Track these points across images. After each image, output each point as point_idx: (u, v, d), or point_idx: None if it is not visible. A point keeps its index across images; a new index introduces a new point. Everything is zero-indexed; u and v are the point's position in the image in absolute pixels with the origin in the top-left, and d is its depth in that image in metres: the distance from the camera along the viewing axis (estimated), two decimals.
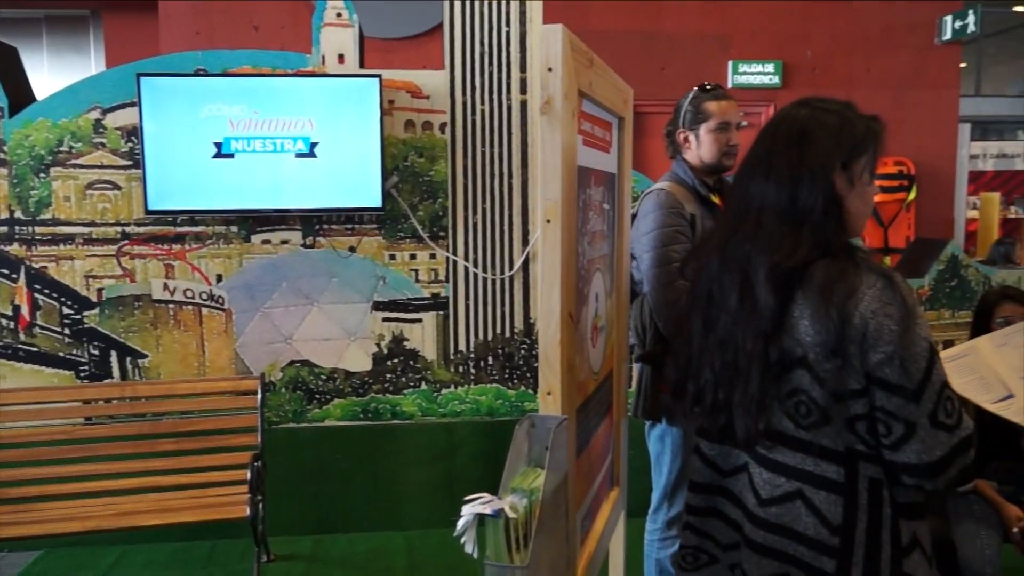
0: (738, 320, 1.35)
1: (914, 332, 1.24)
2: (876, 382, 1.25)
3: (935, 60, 6.48)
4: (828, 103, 1.42)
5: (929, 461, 1.24)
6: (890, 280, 1.26)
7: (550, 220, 1.42)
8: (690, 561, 1.54)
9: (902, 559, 1.29)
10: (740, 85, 6.05)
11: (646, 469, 3.57)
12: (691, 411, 1.47)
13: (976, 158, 8.69)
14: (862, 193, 1.38)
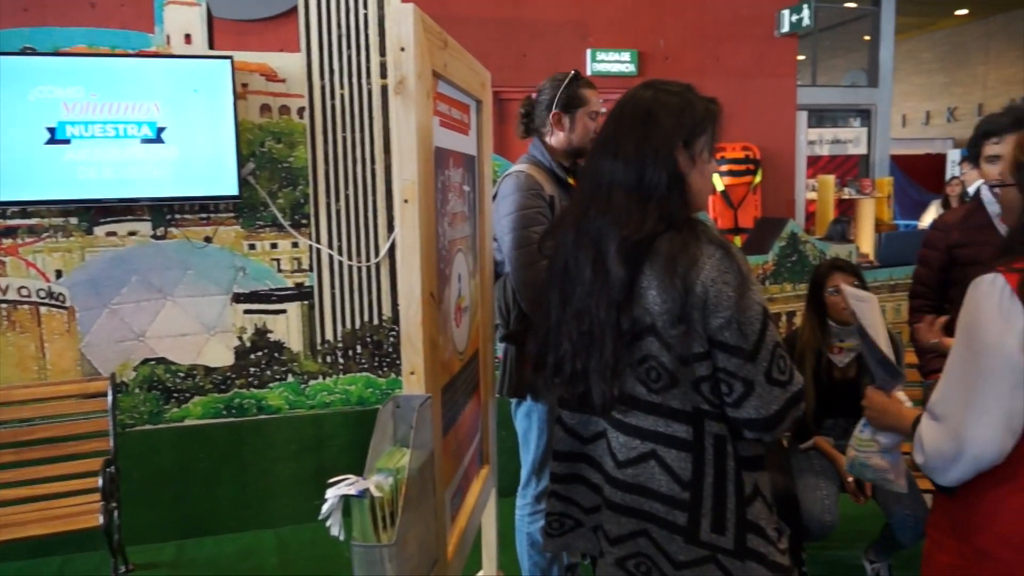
0: (592, 292, 1.41)
1: (749, 297, 1.33)
2: (717, 345, 1.34)
3: (775, 51, 6.92)
4: (670, 85, 1.50)
5: (767, 415, 1.34)
6: (727, 250, 1.35)
7: (408, 200, 1.43)
8: (556, 527, 1.60)
9: (745, 507, 1.39)
10: (598, 73, 6.23)
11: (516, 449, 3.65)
12: (551, 382, 1.51)
13: (814, 143, 9.36)
14: (703, 170, 1.47)
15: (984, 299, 1.32)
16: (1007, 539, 1.35)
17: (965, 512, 1.42)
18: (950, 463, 1.35)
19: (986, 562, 1.37)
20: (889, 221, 9.14)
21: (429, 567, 1.46)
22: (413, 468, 1.35)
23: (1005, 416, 1.29)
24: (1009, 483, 1.33)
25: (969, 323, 1.35)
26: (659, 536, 1.40)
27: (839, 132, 9.65)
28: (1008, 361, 1.28)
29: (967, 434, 1.31)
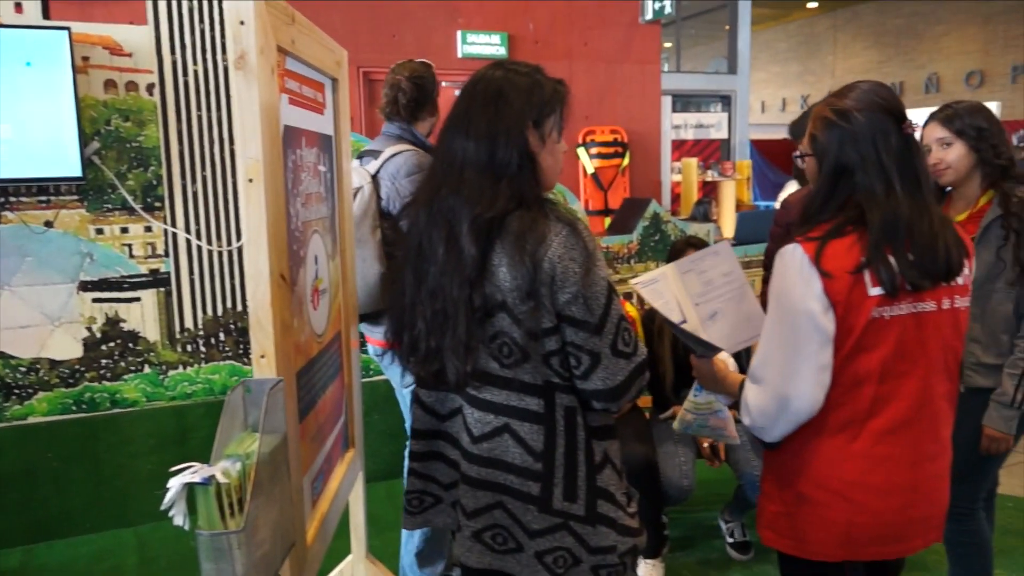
0: (445, 270, 1.42)
1: (594, 273, 1.38)
2: (565, 319, 1.38)
3: (640, 38, 7.15)
4: (520, 66, 1.52)
5: (613, 386, 1.40)
6: (573, 228, 1.40)
7: (252, 179, 1.38)
8: (416, 504, 1.61)
9: (596, 475, 1.46)
10: (469, 55, 6.24)
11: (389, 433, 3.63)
12: (407, 361, 1.52)
13: (679, 128, 9.74)
14: (552, 150, 1.51)
15: (787, 268, 1.45)
16: (821, 482, 1.50)
17: (785, 462, 1.56)
18: (774, 421, 1.49)
19: (806, 506, 1.52)
20: (748, 202, 9.66)
21: (284, 552, 1.43)
22: (264, 453, 1.32)
23: (816, 372, 1.42)
24: (819, 432, 1.48)
25: (778, 291, 1.47)
26: (514, 507, 1.44)
27: (702, 117, 10.08)
28: (813, 322, 1.41)
29: (787, 392, 1.45)
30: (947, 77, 16.81)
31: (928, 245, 1.43)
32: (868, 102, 1.48)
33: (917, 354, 1.46)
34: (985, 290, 2.08)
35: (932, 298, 1.46)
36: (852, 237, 1.43)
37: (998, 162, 2.09)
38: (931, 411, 1.49)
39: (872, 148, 1.45)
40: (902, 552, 1.55)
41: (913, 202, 1.45)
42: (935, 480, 1.53)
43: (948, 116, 2.14)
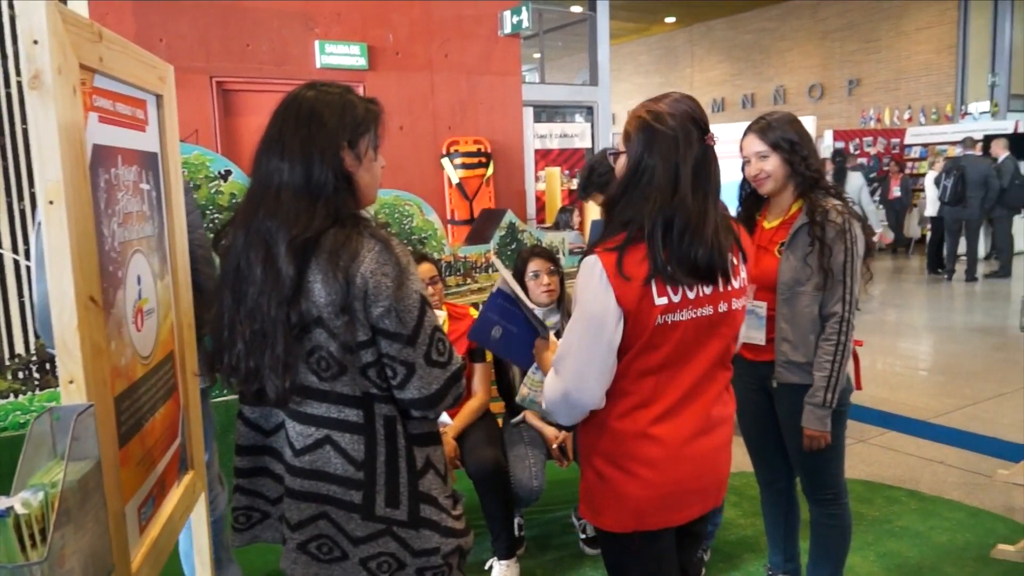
0: (263, 290, 1.44)
1: (407, 287, 1.44)
2: (379, 332, 1.43)
3: (500, 50, 7.30)
4: (331, 87, 1.56)
5: (428, 394, 1.46)
6: (386, 244, 1.45)
7: (53, 201, 1.35)
8: (243, 521, 1.61)
9: (418, 481, 1.51)
10: (328, 66, 6.18)
11: None
12: (228, 381, 1.53)
13: (544, 137, 10.00)
14: (369, 167, 1.55)
15: (588, 278, 1.57)
16: (614, 460, 1.66)
17: (586, 444, 1.72)
18: (564, 408, 1.63)
19: (603, 483, 1.68)
20: None
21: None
22: (71, 480, 1.30)
23: (602, 371, 1.57)
24: (611, 417, 1.65)
25: (579, 296, 1.60)
26: (338, 516, 1.48)
27: (566, 127, 10.39)
28: (605, 331, 1.55)
29: (575, 387, 1.59)
30: (792, 89, 18.07)
31: (703, 249, 1.56)
32: (680, 110, 1.60)
33: (695, 351, 1.63)
34: (793, 293, 2.26)
35: (710, 303, 1.62)
36: (644, 248, 1.56)
37: (808, 173, 2.28)
38: (704, 396, 1.67)
39: (675, 151, 1.56)
40: (684, 519, 1.72)
41: (698, 207, 1.57)
42: (711, 452, 1.71)
43: (763, 128, 2.31)
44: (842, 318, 2.19)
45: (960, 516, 3.37)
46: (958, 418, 4.73)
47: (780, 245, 2.27)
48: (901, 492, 3.65)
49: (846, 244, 2.17)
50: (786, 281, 2.25)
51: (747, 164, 2.33)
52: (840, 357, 2.19)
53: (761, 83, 18.71)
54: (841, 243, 2.17)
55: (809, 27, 17.49)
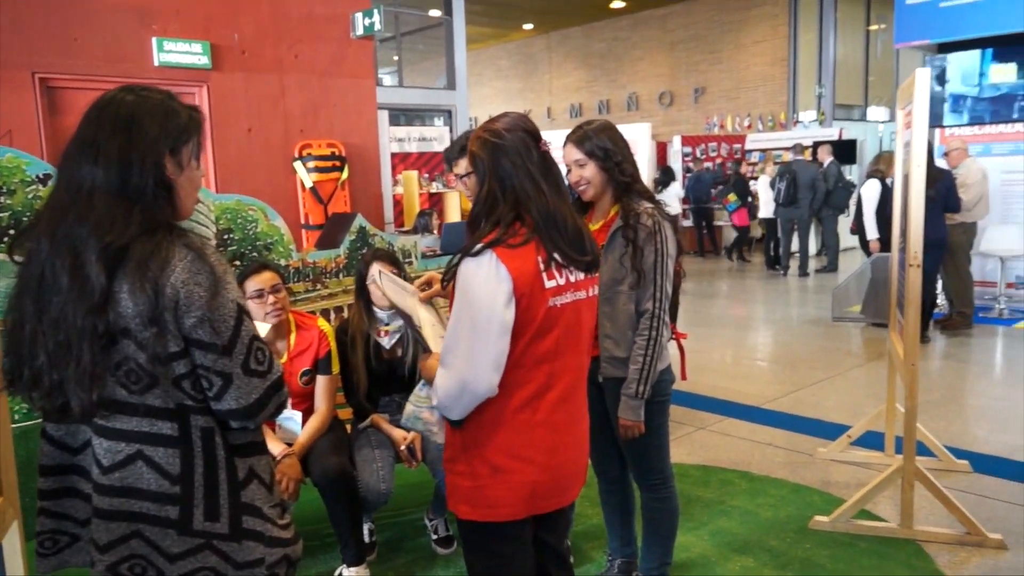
0: (69, 299, 1.37)
1: (222, 296, 1.41)
2: (193, 343, 1.40)
3: (353, 52, 7.21)
4: (152, 91, 1.50)
5: (247, 404, 1.44)
6: (199, 253, 1.41)
7: None
8: (49, 546, 1.53)
9: (240, 492, 1.48)
10: (168, 64, 5.90)
11: None
12: (29, 397, 1.44)
13: (403, 141, 9.96)
14: (191, 176, 1.51)
15: (475, 268, 1.68)
16: (513, 452, 1.76)
17: (478, 439, 1.78)
18: (457, 400, 1.71)
19: (499, 475, 1.76)
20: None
21: None
22: None
23: (494, 358, 1.67)
24: (508, 409, 1.74)
25: (465, 289, 1.69)
26: (152, 534, 1.43)
27: (425, 131, 10.39)
28: (496, 316, 1.66)
29: (468, 376, 1.67)
30: (644, 96, 18.88)
31: (577, 236, 1.78)
32: (514, 125, 1.80)
33: (576, 335, 1.81)
34: (613, 292, 2.39)
35: (583, 288, 1.82)
36: (530, 239, 1.71)
37: (622, 179, 2.41)
38: (580, 381, 1.87)
39: (520, 159, 1.75)
40: (567, 501, 1.89)
41: (558, 200, 1.77)
42: (585, 437, 1.92)
43: (579, 138, 2.43)
44: (653, 314, 2.33)
45: (784, 492, 3.66)
46: (787, 403, 5.13)
47: (600, 247, 2.39)
48: (734, 474, 3.91)
49: (656, 245, 2.31)
50: (606, 281, 2.37)
51: (569, 172, 2.44)
52: (652, 351, 2.33)
53: (615, 90, 19.44)
54: (651, 244, 2.31)
55: (658, 37, 18.35)
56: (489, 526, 1.81)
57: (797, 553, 3.08)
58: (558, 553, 2.01)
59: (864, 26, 16.68)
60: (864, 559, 3.01)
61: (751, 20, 16.48)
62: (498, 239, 1.70)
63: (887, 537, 3.16)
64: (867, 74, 16.87)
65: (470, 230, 1.80)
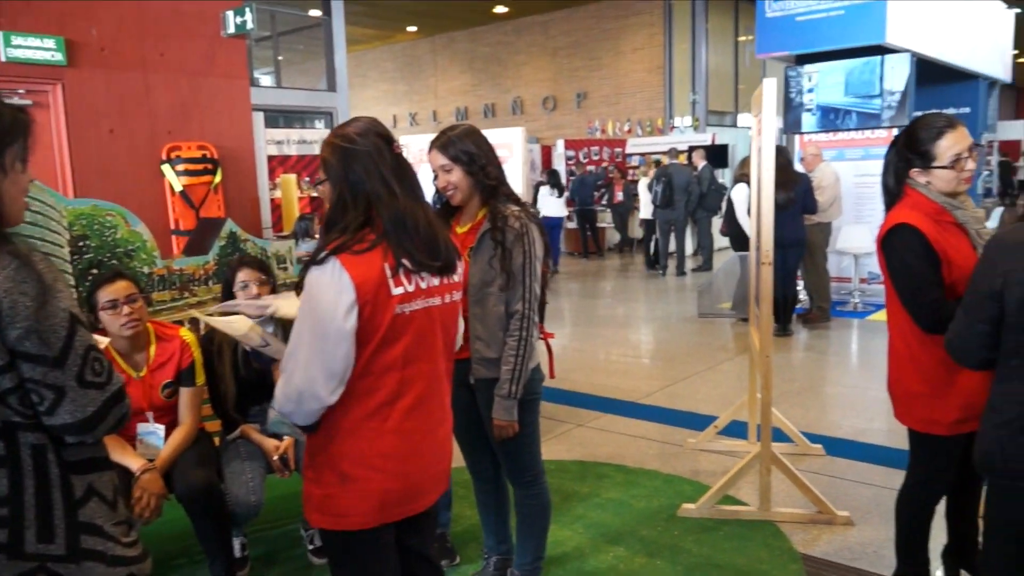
0: None
1: (52, 306, 1.34)
2: (19, 356, 1.33)
3: (225, 51, 6.96)
4: None
5: (83, 418, 1.38)
6: (25, 261, 1.34)
7: None
8: None
9: (77, 511, 1.42)
10: (16, 59, 5.51)
11: None
12: None
13: (281, 143, 9.71)
14: (16, 180, 1.43)
15: (318, 276, 1.66)
16: (363, 461, 1.74)
17: (328, 449, 1.76)
18: (297, 405, 1.69)
19: (349, 483, 1.74)
20: None
21: None
22: None
23: (332, 366, 1.66)
24: (358, 418, 1.72)
25: (308, 296, 1.68)
26: None
27: (305, 133, 10.17)
28: (336, 324, 1.64)
29: (304, 383, 1.66)
30: (529, 101, 19.17)
31: (431, 239, 1.77)
32: (365, 130, 1.79)
33: (429, 342, 1.80)
34: (483, 294, 2.42)
35: (438, 294, 1.82)
36: (378, 244, 1.70)
37: (488, 182, 2.44)
38: (438, 386, 1.86)
39: (373, 163, 1.74)
40: (423, 506, 1.88)
41: (413, 203, 1.77)
42: (444, 441, 1.91)
43: (443, 144, 2.44)
44: (523, 315, 2.38)
45: (656, 483, 3.81)
46: (661, 397, 5.33)
47: (470, 250, 2.42)
48: (610, 468, 4.04)
49: (524, 247, 2.36)
50: (476, 283, 2.40)
51: (437, 178, 2.46)
52: (523, 351, 2.38)
53: (500, 94, 19.64)
54: (520, 246, 2.36)
55: (541, 43, 18.68)
56: (343, 534, 1.80)
57: (666, 540, 3.21)
58: (424, 557, 2.01)
59: (734, 37, 17.58)
60: (726, 542, 3.18)
61: (629, 28, 17.04)
62: (342, 245, 1.68)
63: (748, 520, 3.35)
64: (737, 82, 17.78)
65: (325, 236, 1.78)
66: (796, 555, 3.06)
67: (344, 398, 1.71)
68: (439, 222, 1.87)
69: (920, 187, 2.39)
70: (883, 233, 2.40)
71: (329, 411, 1.72)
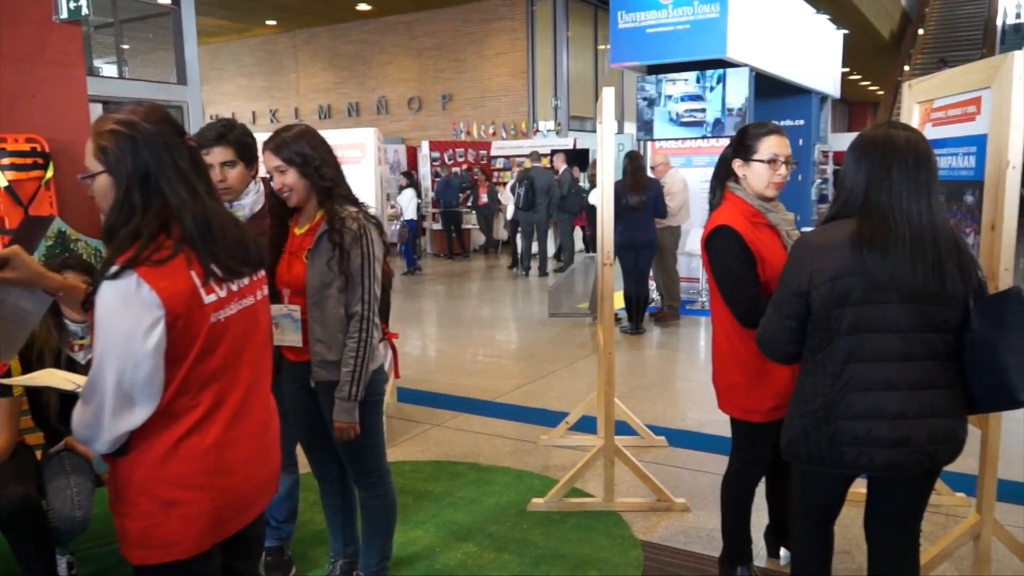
0: None
1: None
2: None
3: (57, 38, 6.48)
4: None
5: None
6: None
7: None
8: None
9: None
10: None
11: None
12: None
13: None
14: None
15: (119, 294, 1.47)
16: (187, 482, 1.58)
17: (145, 477, 1.58)
18: (97, 433, 1.52)
19: (172, 510, 1.57)
20: None
21: None
22: None
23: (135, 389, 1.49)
24: (177, 438, 1.57)
25: (103, 316, 1.48)
26: None
27: None
28: (145, 346, 1.48)
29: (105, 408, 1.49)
30: (394, 100, 19.02)
31: (239, 242, 1.64)
32: (152, 115, 1.56)
33: (246, 343, 1.69)
34: (322, 296, 2.38)
35: (250, 293, 1.71)
36: (180, 251, 1.53)
37: (323, 184, 2.41)
38: (261, 386, 1.76)
39: (167, 154, 1.54)
40: (252, 516, 1.75)
41: (212, 203, 1.62)
42: (271, 443, 1.80)
43: (277, 145, 2.39)
44: (363, 316, 2.37)
45: (508, 480, 3.89)
46: (518, 396, 5.44)
47: (308, 251, 2.39)
48: (464, 466, 4.08)
49: (363, 248, 2.35)
50: (314, 285, 2.37)
51: (271, 179, 2.42)
52: (364, 353, 2.37)
53: (365, 93, 19.37)
54: (358, 248, 2.35)
55: (405, 43, 18.57)
56: (173, 565, 1.61)
57: (515, 535, 3.29)
58: None
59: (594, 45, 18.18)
60: (572, 533, 3.29)
61: (492, 32, 17.25)
62: (138, 256, 1.48)
63: (594, 511, 3.48)
64: (597, 89, 18.38)
65: (106, 245, 1.57)
66: (636, 542, 3.21)
67: (157, 419, 1.54)
68: (243, 225, 1.72)
69: (738, 191, 2.58)
70: (706, 235, 2.57)
71: (139, 435, 1.54)
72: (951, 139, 2.91)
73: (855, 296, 1.93)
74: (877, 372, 1.94)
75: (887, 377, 1.93)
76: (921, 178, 1.92)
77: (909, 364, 1.93)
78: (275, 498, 2.92)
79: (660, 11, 8.09)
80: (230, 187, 2.61)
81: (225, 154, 2.59)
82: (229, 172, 2.61)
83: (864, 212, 1.95)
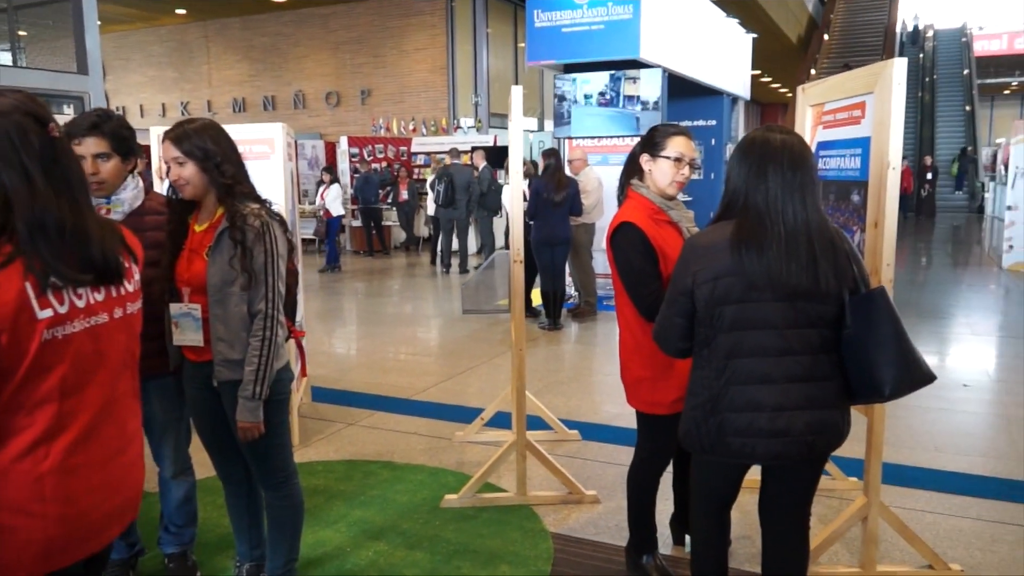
0: None
1: None
2: None
3: None
4: None
5: None
6: None
7: None
8: None
9: None
10: None
11: None
12: None
13: None
14: None
15: None
16: (17, 507, 1.45)
17: None
18: None
19: (5, 535, 1.44)
20: None
21: None
22: None
23: None
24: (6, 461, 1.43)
25: None
26: None
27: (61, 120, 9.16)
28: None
29: None
30: (311, 95, 18.66)
31: (80, 244, 1.48)
32: (6, 105, 1.44)
33: (97, 364, 1.55)
34: (224, 294, 2.33)
35: (104, 310, 1.56)
36: (16, 257, 1.40)
37: (223, 180, 2.35)
38: (117, 411, 1.62)
39: (11, 148, 1.41)
40: (100, 545, 1.61)
41: (65, 202, 1.46)
42: (127, 469, 1.66)
43: (178, 136, 2.33)
44: (267, 315, 2.33)
45: (422, 477, 3.88)
46: (434, 393, 5.43)
47: (208, 249, 2.33)
48: (377, 465, 4.05)
49: (265, 245, 2.31)
50: (215, 283, 2.32)
51: (169, 170, 2.35)
52: (267, 351, 2.33)
53: (281, 86, 18.94)
54: (260, 245, 2.30)
55: (322, 36, 18.24)
56: None
57: (427, 532, 3.29)
58: None
59: (513, 43, 18.26)
60: (485, 528, 3.32)
61: (411, 28, 17.13)
62: None
63: (506, 505, 3.52)
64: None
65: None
66: (547, 534, 3.26)
67: None
68: (99, 224, 1.56)
69: (641, 188, 2.65)
70: (610, 231, 2.63)
71: None
72: (839, 141, 3.06)
73: (734, 295, 2.01)
74: (756, 367, 2.02)
75: (765, 372, 2.02)
76: (796, 179, 2.01)
77: (786, 359, 2.02)
78: (173, 504, 2.86)
79: (575, 11, 8.19)
80: (103, 181, 2.49)
81: (99, 145, 2.46)
82: (102, 165, 2.48)
83: (743, 213, 2.04)
